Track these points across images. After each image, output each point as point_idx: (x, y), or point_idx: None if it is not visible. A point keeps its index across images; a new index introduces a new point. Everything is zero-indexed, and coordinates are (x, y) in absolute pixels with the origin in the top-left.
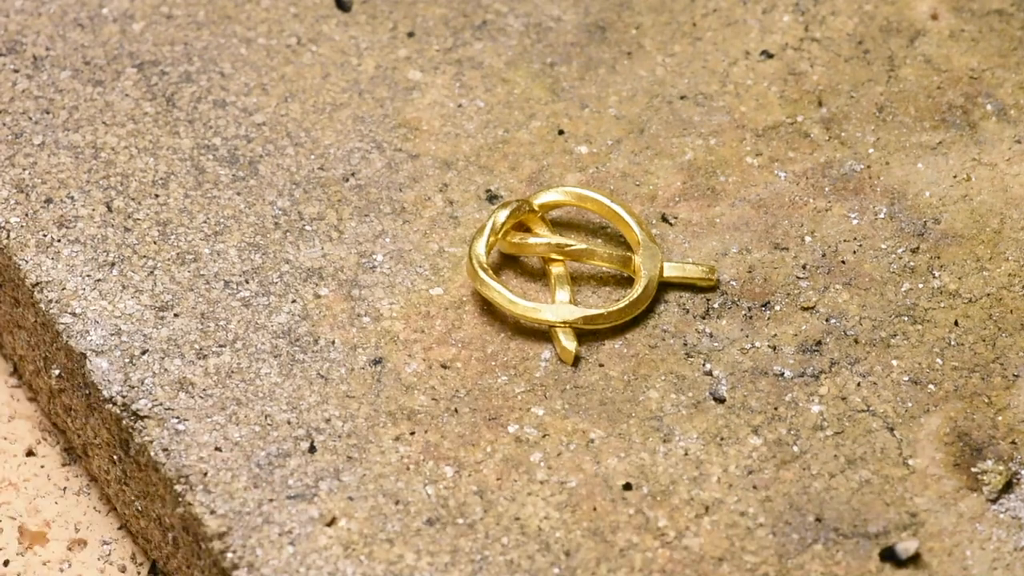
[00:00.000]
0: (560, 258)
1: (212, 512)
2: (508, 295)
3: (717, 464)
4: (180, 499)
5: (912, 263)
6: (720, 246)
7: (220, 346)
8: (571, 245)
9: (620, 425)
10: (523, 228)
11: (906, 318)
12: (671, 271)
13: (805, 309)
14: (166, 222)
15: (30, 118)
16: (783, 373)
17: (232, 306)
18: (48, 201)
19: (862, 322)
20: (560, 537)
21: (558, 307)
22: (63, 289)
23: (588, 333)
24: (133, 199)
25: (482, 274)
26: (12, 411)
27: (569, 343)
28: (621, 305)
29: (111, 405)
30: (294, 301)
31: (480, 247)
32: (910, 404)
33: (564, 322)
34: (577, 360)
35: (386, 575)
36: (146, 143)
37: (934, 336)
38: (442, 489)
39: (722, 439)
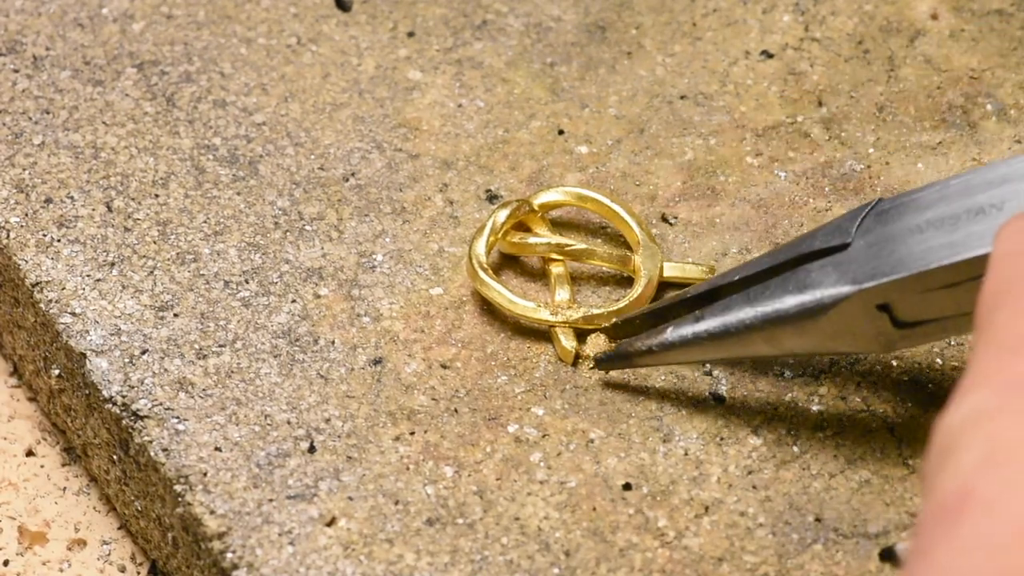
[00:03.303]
0: (560, 258)
1: (212, 512)
2: (508, 295)
3: (717, 464)
4: (180, 499)
5: None
6: (720, 246)
7: (220, 346)
8: (571, 245)
9: (620, 425)
10: (523, 228)
11: None
12: (671, 271)
13: None
14: (166, 222)
15: (30, 118)
16: (783, 373)
17: (232, 306)
18: (48, 201)
19: None
20: (560, 537)
21: (558, 307)
22: (63, 289)
23: (588, 333)
24: (133, 199)
25: (482, 274)
26: (12, 411)
27: (569, 343)
28: (621, 305)
29: (111, 405)
30: (294, 301)
31: (480, 247)
32: (910, 404)
33: (564, 322)
34: (577, 360)
35: (386, 575)
36: (146, 143)
37: None
38: (442, 489)
39: (722, 439)
